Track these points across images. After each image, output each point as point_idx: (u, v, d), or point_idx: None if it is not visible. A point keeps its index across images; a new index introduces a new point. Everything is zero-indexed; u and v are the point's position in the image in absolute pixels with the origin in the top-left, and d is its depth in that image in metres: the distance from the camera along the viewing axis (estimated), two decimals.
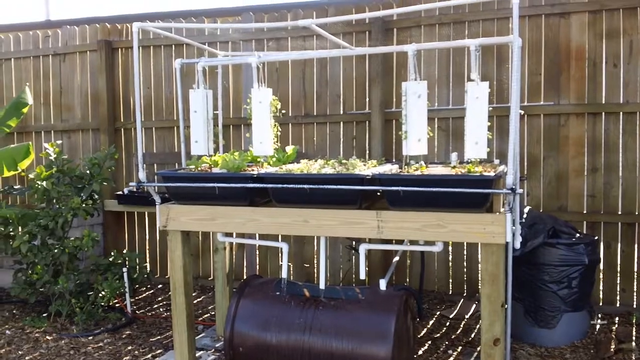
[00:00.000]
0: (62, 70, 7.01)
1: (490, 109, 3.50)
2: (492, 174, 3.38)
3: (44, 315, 5.40)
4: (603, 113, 5.18)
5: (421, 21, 5.56)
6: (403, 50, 3.76)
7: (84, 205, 5.29)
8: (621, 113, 5.13)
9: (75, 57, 6.93)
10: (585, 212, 5.25)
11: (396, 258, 4.56)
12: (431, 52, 5.57)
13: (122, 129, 6.76)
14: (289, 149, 4.40)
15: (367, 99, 5.79)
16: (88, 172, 5.50)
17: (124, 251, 5.98)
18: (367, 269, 3.91)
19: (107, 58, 6.64)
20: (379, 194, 3.73)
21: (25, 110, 6.45)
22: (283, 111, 4.91)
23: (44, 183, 5.29)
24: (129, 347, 4.74)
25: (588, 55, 5.19)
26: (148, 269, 6.38)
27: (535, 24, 5.31)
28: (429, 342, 4.68)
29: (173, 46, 6.48)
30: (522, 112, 5.01)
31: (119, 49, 6.69)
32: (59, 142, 5.83)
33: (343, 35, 5.73)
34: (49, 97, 7.10)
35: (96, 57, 6.71)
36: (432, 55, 5.59)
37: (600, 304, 5.24)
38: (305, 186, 3.57)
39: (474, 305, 5.38)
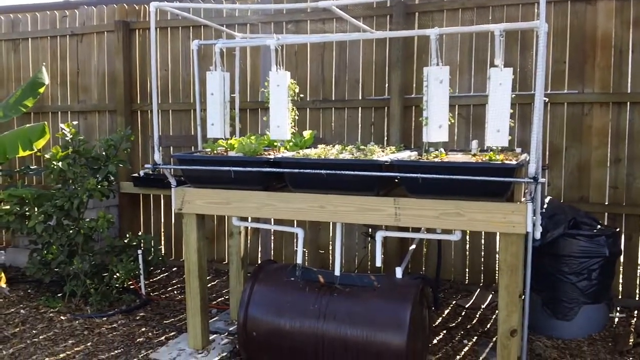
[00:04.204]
0: (79, 50, 6.99)
1: (513, 96, 3.42)
2: (514, 162, 3.31)
3: (59, 295, 5.42)
4: (628, 103, 5.05)
5: (444, 6, 5.45)
6: (425, 34, 3.69)
7: (99, 186, 5.28)
8: None
9: (93, 37, 6.91)
10: (606, 203, 5.15)
11: (413, 246, 4.51)
12: (453, 37, 5.47)
13: (139, 111, 6.74)
14: (306, 133, 4.35)
15: (387, 85, 5.71)
16: (104, 153, 5.49)
17: (139, 233, 5.98)
18: (383, 256, 3.86)
19: (124, 39, 6.60)
20: (397, 180, 3.68)
21: (41, 90, 6.43)
22: (301, 95, 4.84)
23: (60, 163, 5.28)
24: (143, 329, 4.74)
25: (614, 43, 5.06)
26: (163, 252, 6.40)
27: (561, 10, 5.18)
28: (444, 332, 4.63)
29: (191, 28, 6.42)
30: (546, 99, 4.91)
31: (137, 30, 6.65)
32: (75, 122, 5.82)
33: (363, 18, 5.63)
34: (66, 77, 7.10)
35: (113, 38, 6.68)
36: (454, 40, 5.49)
37: (619, 296, 5.15)
38: (322, 171, 3.52)
39: (491, 296, 5.32)
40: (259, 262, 6.00)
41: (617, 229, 4.71)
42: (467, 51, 5.47)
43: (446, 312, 5.08)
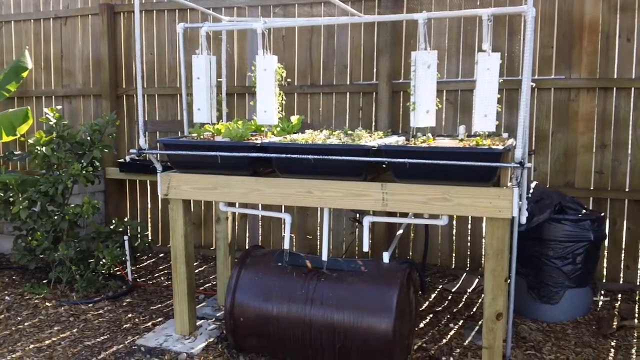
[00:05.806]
0: (63, 34, 6.89)
1: (500, 81, 3.42)
2: (500, 147, 3.31)
3: (44, 281, 5.39)
4: (614, 88, 5.07)
5: None
6: (413, 19, 3.67)
7: (84, 172, 5.23)
8: (633, 89, 5.02)
9: (77, 20, 6.81)
10: (592, 188, 5.19)
11: (400, 231, 4.52)
12: (441, 22, 5.45)
13: (125, 96, 6.67)
14: (294, 118, 4.33)
15: (375, 70, 5.68)
16: (89, 138, 5.43)
17: (126, 219, 5.94)
18: (370, 241, 3.86)
19: (109, 22, 6.51)
20: (384, 166, 3.68)
21: (24, 74, 6.35)
22: (288, 80, 4.81)
23: (44, 149, 5.22)
24: (129, 315, 4.73)
25: (601, 28, 5.07)
26: (150, 238, 6.37)
27: None
28: (431, 316, 4.66)
29: (177, 11, 6.35)
30: (533, 84, 4.91)
31: (122, 13, 6.56)
32: (59, 107, 5.75)
33: (352, 2, 5.60)
34: (50, 61, 7.00)
35: (98, 21, 6.59)
36: (442, 25, 5.46)
37: (604, 280, 5.21)
38: (310, 156, 3.51)
39: (477, 280, 5.36)
40: (247, 247, 6.00)
41: (602, 214, 4.74)
42: (455, 36, 5.45)
43: (433, 296, 5.11)
